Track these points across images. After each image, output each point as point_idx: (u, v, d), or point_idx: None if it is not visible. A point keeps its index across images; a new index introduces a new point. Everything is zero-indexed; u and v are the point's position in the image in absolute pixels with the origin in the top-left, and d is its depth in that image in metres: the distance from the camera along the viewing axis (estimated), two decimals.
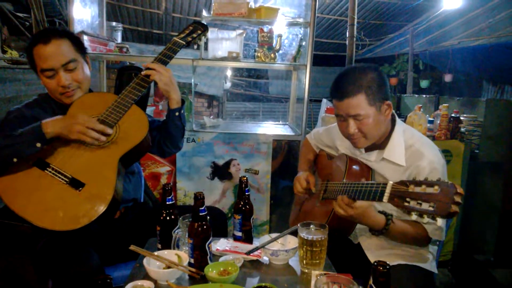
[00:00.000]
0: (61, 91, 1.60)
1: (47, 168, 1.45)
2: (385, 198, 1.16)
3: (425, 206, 1.03)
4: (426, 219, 1.03)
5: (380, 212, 1.39)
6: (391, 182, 1.16)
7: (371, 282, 0.91)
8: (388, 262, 0.91)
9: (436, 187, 1.03)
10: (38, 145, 1.40)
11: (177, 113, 1.75)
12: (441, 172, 1.47)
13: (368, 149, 1.62)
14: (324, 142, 1.92)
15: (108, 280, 0.90)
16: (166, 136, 1.79)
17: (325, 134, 1.91)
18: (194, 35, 1.80)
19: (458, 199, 0.99)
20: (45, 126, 1.42)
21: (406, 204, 1.08)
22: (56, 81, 1.59)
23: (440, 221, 1.02)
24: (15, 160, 1.40)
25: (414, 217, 1.05)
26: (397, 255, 1.54)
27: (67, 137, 1.45)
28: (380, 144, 1.58)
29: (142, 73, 1.65)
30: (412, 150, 1.51)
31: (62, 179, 1.43)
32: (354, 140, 1.55)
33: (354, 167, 1.57)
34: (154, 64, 1.66)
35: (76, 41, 1.66)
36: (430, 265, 1.55)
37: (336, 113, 1.57)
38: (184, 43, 1.77)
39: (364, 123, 1.48)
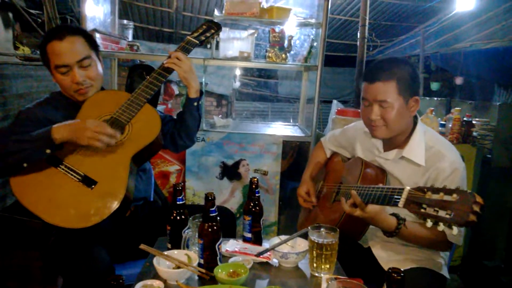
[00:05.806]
0: (75, 88, 1.60)
1: (60, 165, 1.45)
2: (401, 204, 1.15)
3: (441, 213, 1.02)
4: (441, 226, 1.01)
5: (392, 214, 1.37)
6: (408, 188, 1.15)
7: None
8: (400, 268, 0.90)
9: (454, 195, 1.01)
10: (48, 151, 1.40)
11: (195, 103, 1.76)
12: (461, 174, 1.45)
13: (387, 148, 1.61)
14: (340, 143, 1.90)
15: (121, 281, 0.90)
16: (182, 127, 1.79)
17: (342, 135, 1.90)
18: (208, 34, 1.81)
19: (476, 208, 0.98)
20: (54, 132, 1.40)
21: (422, 210, 1.07)
22: (71, 78, 1.58)
23: (456, 230, 1.00)
24: (25, 165, 1.40)
25: (429, 224, 1.04)
26: (408, 260, 1.52)
27: (77, 143, 1.42)
28: (400, 144, 1.56)
29: (165, 64, 1.66)
30: (432, 152, 1.49)
31: (75, 176, 1.43)
32: (374, 127, 1.52)
33: (369, 171, 1.55)
34: (175, 52, 1.68)
35: (89, 38, 1.65)
36: (442, 270, 1.53)
37: (362, 97, 1.55)
38: (198, 42, 1.77)
39: (388, 111, 1.47)
